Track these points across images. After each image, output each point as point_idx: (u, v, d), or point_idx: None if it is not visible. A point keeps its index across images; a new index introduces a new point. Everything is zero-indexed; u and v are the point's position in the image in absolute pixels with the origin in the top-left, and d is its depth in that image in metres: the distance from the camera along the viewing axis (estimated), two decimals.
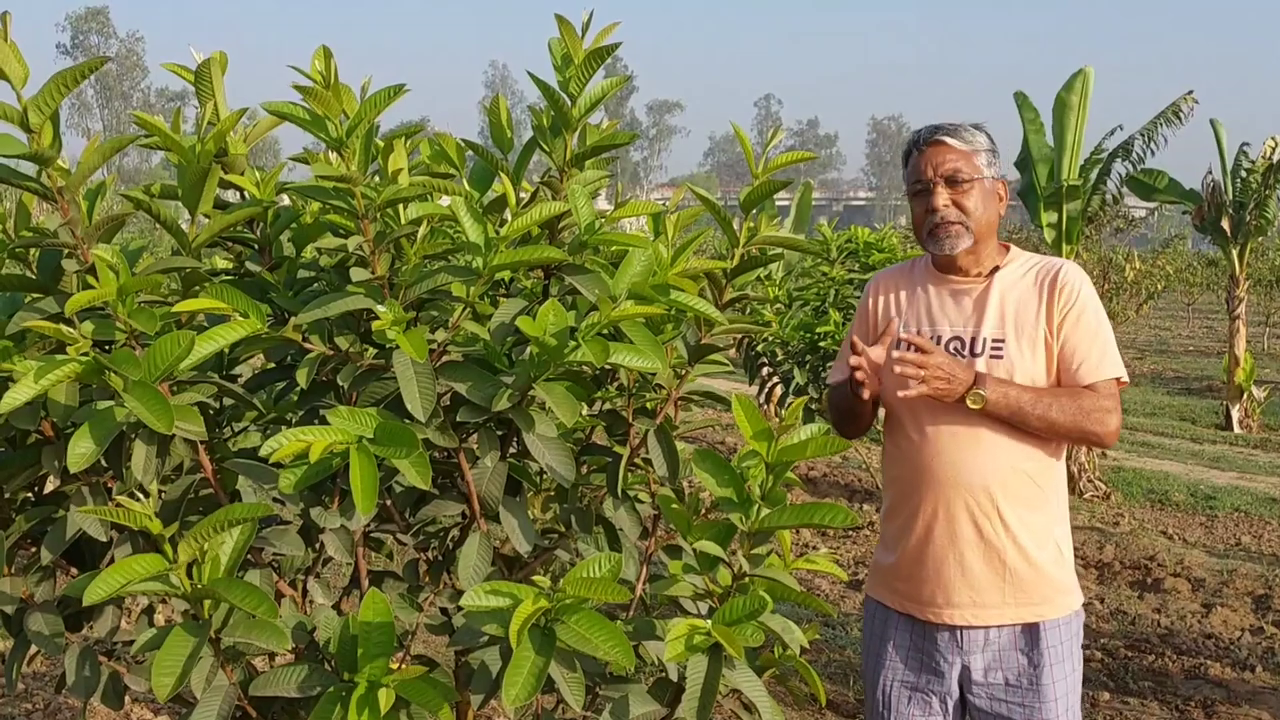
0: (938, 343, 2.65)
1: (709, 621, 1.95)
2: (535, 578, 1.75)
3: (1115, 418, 2.59)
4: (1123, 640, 6.02)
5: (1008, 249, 2.74)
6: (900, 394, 2.51)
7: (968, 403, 2.51)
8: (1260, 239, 14.38)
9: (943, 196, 2.61)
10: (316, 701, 1.85)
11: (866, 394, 2.61)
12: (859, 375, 2.57)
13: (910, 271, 2.83)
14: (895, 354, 2.49)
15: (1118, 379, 2.61)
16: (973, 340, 2.63)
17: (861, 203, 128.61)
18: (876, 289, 2.87)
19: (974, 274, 2.69)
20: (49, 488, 2.22)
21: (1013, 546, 2.58)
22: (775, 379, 7.50)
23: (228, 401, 2.27)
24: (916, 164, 2.67)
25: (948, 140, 2.63)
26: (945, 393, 2.50)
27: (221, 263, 2.36)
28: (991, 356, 2.60)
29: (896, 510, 2.73)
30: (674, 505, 2.16)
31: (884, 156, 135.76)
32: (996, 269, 2.68)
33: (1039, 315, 2.60)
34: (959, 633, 2.64)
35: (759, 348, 7.30)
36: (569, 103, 2.16)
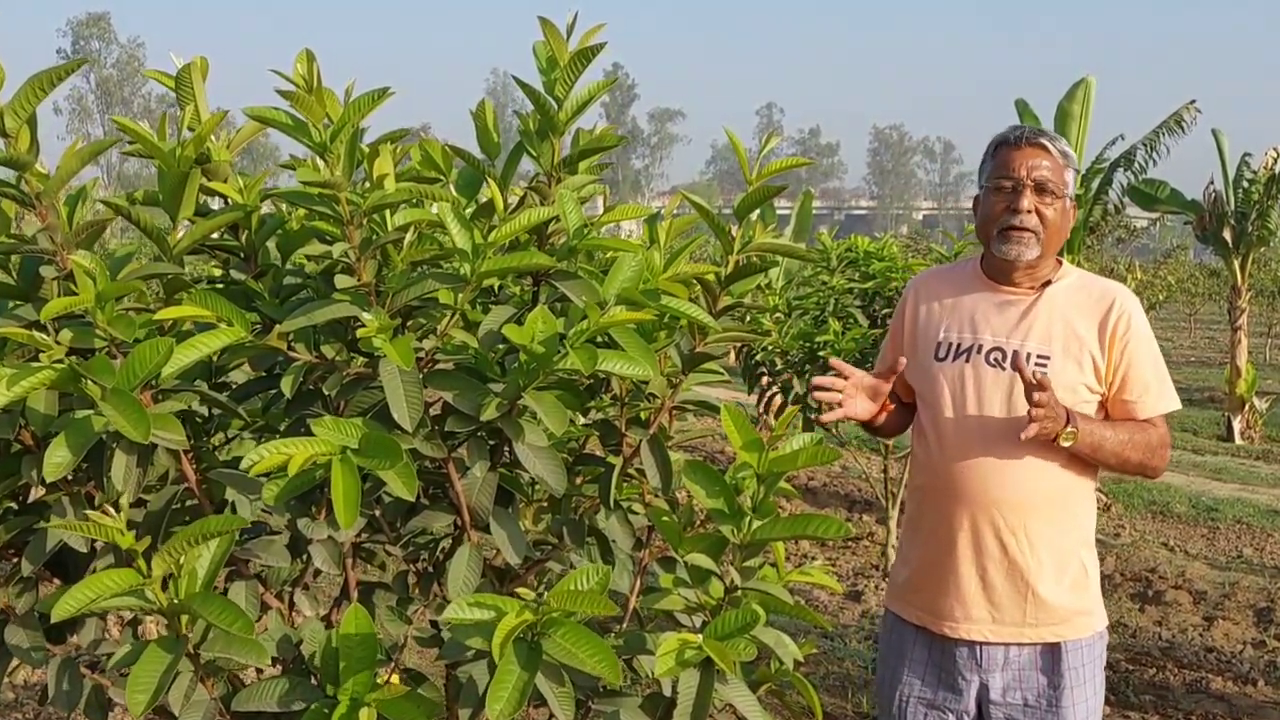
0: (977, 351, 2.59)
1: (700, 636, 1.91)
2: (520, 590, 1.71)
3: (1168, 452, 2.58)
4: (1123, 653, 5.98)
5: (1060, 264, 2.67)
6: (1023, 435, 2.40)
7: (1061, 440, 2.43)
8: (1262, 249, 14.39)
9: (1029, 201, 2.53)
10: (299, 717, 1.82)
11: (837, 414, 2.57)
12: (824, 396, 2.54)
13: (955, 275, 2.76)
14: (1037, 397, 2.39)
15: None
16: (1015, 353, 2.55)
17: (863, 212, 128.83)
18: (916, 291, 2.79)
19: (1026, 286, 2.62)
20: (35, 497, 2.19)
21: (1038, 566, 2.53)
22: (774, 388, 7.46)
23: (218, 410, 2.24)
24: (1008, 159, 2.57)
25: (1048, 145, 2.55)
26: (1049, 432, 2.43)
27: (218, 270, 2.33)
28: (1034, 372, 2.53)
29: (920, 521, 2.68)
30: (665, 517, 2.12)
31: (885, 165, 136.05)
32: (1048, 283, 2.61)
33: (1089, 337, 2.54)
34: (978, 650, 2.59)
35: (758, 357, 7.26)
36: (555, 106, 2.13)
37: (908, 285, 2.85)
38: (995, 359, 2.57)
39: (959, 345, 2.63)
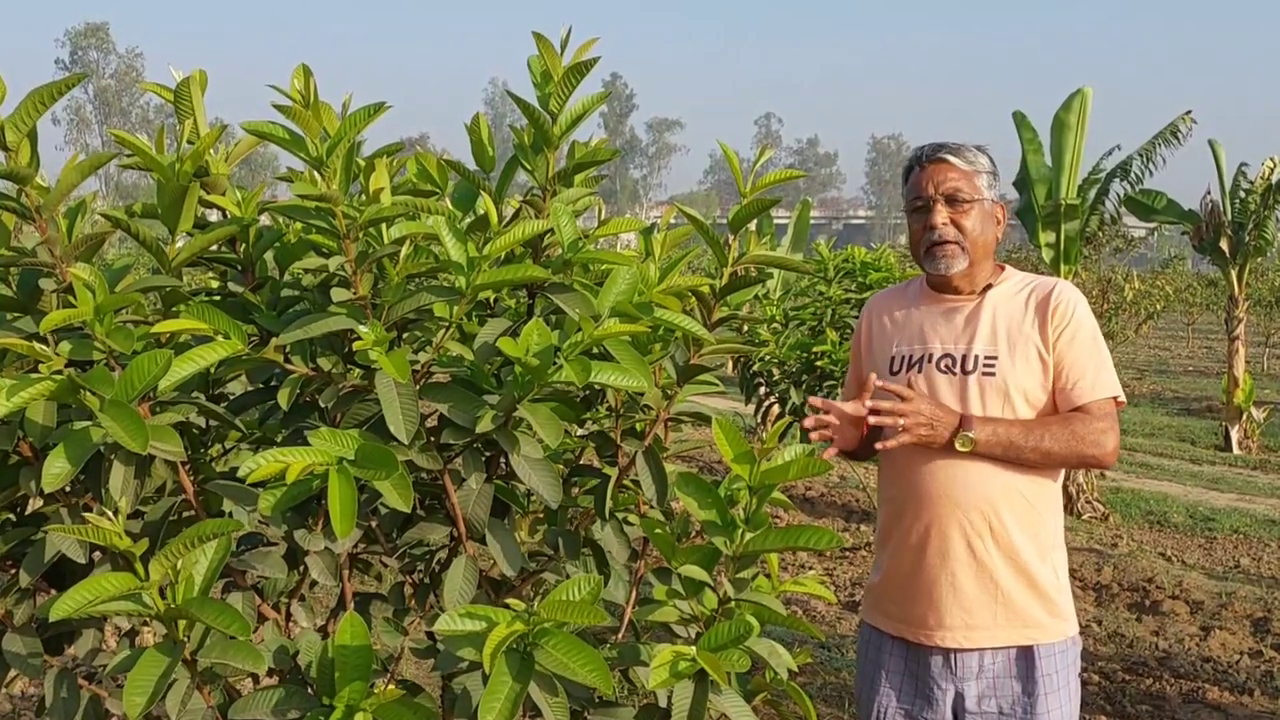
0: (928, 360, 2.64)
1: (694, 648, 1.92)
2: (511, 601, 1.72)
3: (1112, 438, 2.57)
4: (1120, 663, 5.99)
5: (1003, 269, 2.73)
6: (878, 445, 2.49)
7: (956, 445, 2.49)
8: (1259, 259, 14.40)
9: (942, 215, 2.60)
10: None
11: (832, 451, 2.58)
12: (815, 436, 2.55)
13: (904, 292, 2.83)
14: (869, 404, 2.48)
15: (1114, 398, 2.60)
16: (964, 357, 2.61)
17: (861, 221, 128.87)
18: (870, 311, 2.88)
19: (967, 292, 2.68)
20: (34, 509, 2.20)
21: (1005, 566, 2.56)
22: (772, 399, 7.47)
23: (215, 422, 2.25)
24: (917, 180, 2.66)
25: (950, 159, 2.63)
26: (929, 439, 2.48)
27: (216, 283, 2.34)
28: (984, 374, 2.58)
29: (890, 530, 2.71)
30: (658, 529, 2.13)
31: (884, 175, 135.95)
32: (989, 287, 2.67)
33: (1032, 332, 2.59)
34: (952, 657, 2.61)
35: (755, 367, 7.28)
36: (549, 120, 2.14)
37: (863, 309, 2.94)
38: (945, 365, 2.63)
39: (910, 357, 2.69)
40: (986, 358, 2.59)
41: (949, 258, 2.62)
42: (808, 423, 2.55)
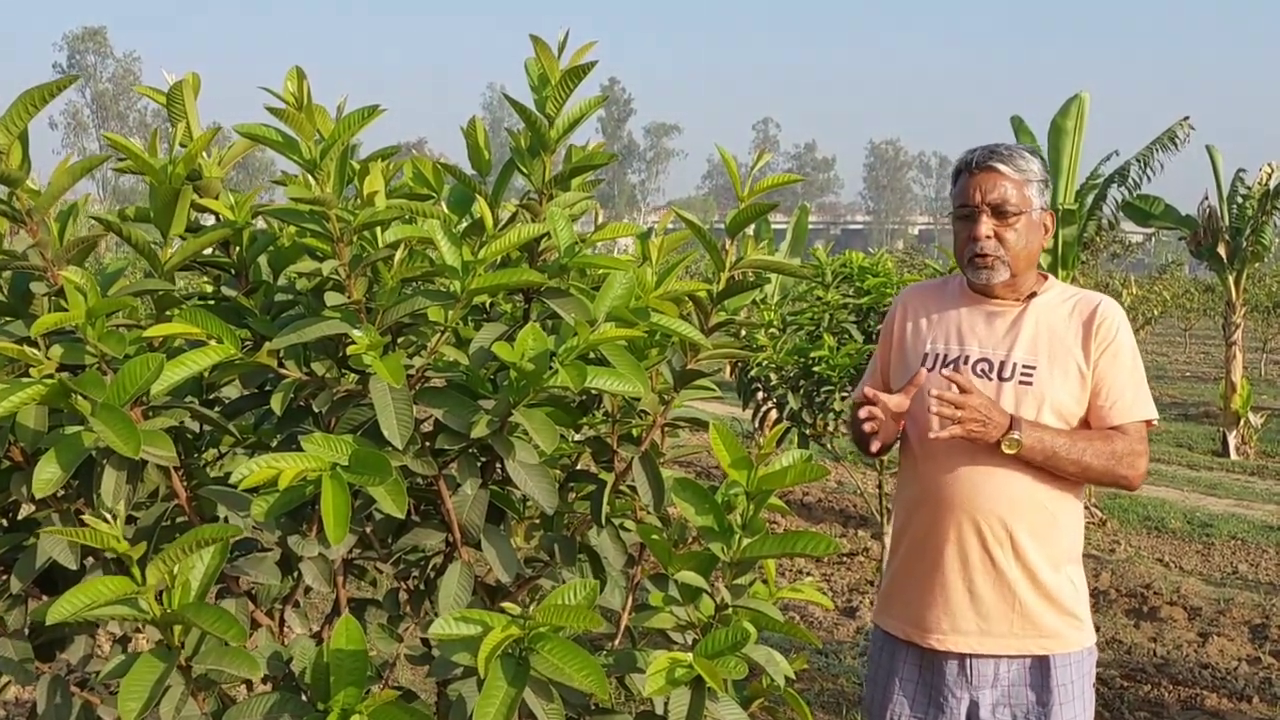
0: (964, 362, 2.61)
1: (690, 654, 1.91)
2: (506, 605, 1.71)
3: (1145, 461, 2.56)
4: (1118, 669, 5.97)
5: (1046, 278, 2.69)
6: (931, 434, 2.45)
7: (1003, 447, 2.45)
8: (1257, 265, 14.40)
9: (986, 226, 2.56)
10: None
11: (876, 445, 2.56)
12: (868, 427, 2.52)
13: (943, 288, 2.78)
14: (934, 392, 2.44)
15: (1148, 421, 2.58)
16: (1001, 364, 2.58)
17: (859, 226, 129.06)
18: (904, 305, 2.82)
19: (1011, 299, 2.64)
20: (25, 514, 2.18)
21: (1024, 576, 2.54)
22: (769, 404, 7.44)
23: (209, 427, 2.23)
24: (965, 187, 2.60)
25: (1000, 167, 2.57)
26: (980, 435, 2.44)
27: (209, 287, 2.33)
28: (1021, 382, 2.55)
29: (907, 532, 2.68)
30: (654, 535, 2.12)
31: (881, 180, 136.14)
32: (1034, 295, 2.64)
33: (1074, 346, 2.56)
34: (968, 664, 2.59)
35: (753, 372, 7.25)
36: (546, 123, 2.13)
37: (896, 299, 2.88)
38: (982, 369, 2.60)
39: (945, 356, 2.66)
40: (1025, 366, 2.57)
41: (990, 269, 2.59)
42: (861, 413, 2.53)
